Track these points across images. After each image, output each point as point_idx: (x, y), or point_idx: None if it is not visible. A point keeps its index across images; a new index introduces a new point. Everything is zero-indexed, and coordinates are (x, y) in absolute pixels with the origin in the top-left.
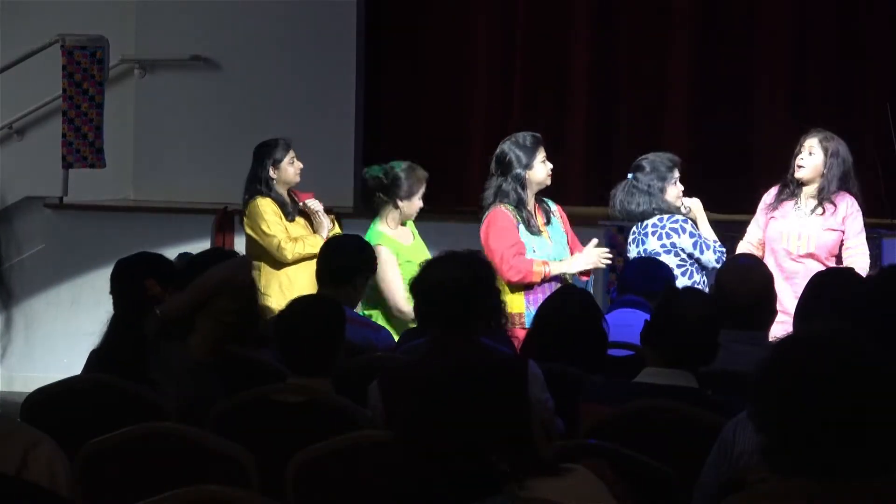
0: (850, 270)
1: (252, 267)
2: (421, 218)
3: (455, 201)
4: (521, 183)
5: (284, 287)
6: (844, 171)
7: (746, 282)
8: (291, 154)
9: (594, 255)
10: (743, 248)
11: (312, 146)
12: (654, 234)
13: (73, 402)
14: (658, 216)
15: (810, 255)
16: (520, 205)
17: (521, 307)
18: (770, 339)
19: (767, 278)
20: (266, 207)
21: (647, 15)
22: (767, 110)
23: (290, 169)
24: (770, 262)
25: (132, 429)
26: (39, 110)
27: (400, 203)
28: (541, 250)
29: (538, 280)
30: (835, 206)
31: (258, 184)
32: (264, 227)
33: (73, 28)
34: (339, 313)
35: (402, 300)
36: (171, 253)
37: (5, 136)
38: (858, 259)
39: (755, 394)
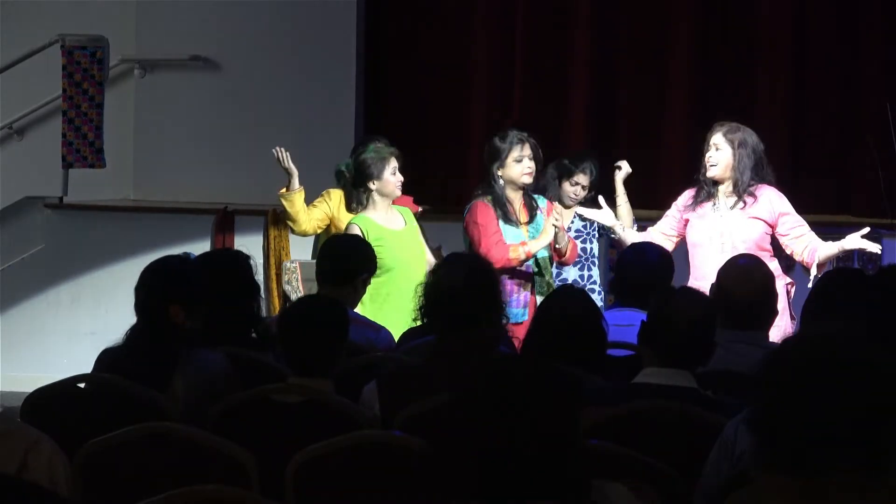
0: (857, 270)
1: (256, 268)
2: (422, 218)
3: (456, 201)
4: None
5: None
6: (756, 161)
7: (746, 282)
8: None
9: (547, 224)
10: (650, 236)
11: (312, 146)
12: None
13: (73, 402)
14: None
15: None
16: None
17: None
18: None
19: (768, 278)
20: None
21: (648, 13)
22: (768, 110)
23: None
24: (695, 264)
25: (132, 429)
26: (39, 110)
27: (372, 186)
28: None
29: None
30: (755, 197)
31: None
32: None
33: (73, 28)
34: (342, 315)
35: None
36: (171, 253)
37: (5, 136)
38: (813, 239)
39: (755, 391)
